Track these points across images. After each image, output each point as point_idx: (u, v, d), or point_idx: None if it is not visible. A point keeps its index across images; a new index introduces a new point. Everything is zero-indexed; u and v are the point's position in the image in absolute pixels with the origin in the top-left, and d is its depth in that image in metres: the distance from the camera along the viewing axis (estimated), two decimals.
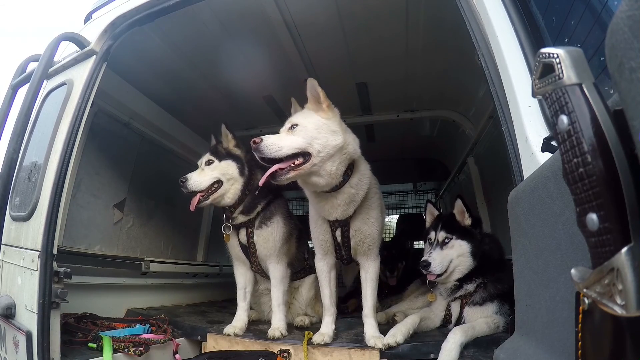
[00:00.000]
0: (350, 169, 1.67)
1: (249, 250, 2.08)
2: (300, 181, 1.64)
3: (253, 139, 1.53)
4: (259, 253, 2.07)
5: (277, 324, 1.92)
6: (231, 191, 2.01)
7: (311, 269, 2.17)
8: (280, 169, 1.52)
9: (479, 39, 1.23)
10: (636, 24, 0.38)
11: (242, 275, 2.17)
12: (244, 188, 2.02)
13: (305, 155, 1.55)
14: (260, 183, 1.62)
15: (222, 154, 2.06)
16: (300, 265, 2.27)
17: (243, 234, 2.07)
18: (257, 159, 1.56)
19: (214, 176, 1.99)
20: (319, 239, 1.87)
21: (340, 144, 1.60)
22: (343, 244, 1.82)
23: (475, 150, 3.19)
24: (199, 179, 1.99)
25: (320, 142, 1.56)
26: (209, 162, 2.04)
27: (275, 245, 2.03)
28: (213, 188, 1.99)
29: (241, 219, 2.05)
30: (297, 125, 1.58)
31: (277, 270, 2.03)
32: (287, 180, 1.55)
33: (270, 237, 2.03)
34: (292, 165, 1.53)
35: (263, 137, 1.53)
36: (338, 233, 1.80)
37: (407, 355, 1.63)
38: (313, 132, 1.57)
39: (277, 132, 3.86)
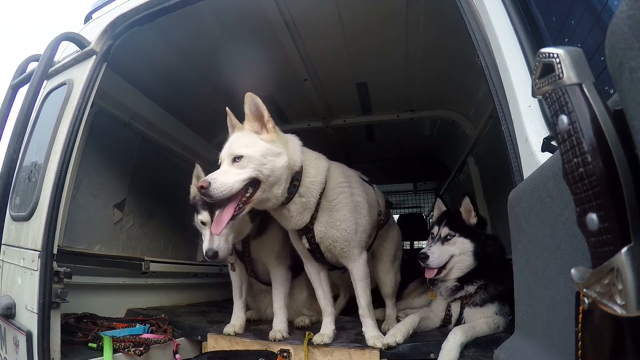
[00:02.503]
0: (297, 179, 1.59)
1: (244, 258, 2.08)
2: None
3: (200, 184, 1.42)
4: (257, 259, 2.07)
5: (279, 326, 1.91)
6: (243, 233, 1.95)
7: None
8: (235, 207, 1.47)
9: (479, 39, 1.23)
10: (636, 24, 0.38)
11: (237, 274, 2.16)
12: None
13: (253, 183, 1.50)
14: (217, 232, 1.52)
15: None
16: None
17: (239, 243, 2.05)
18: (206, 200, 1.48)
19: (231, 233, 1.86)
20: (294, 244, 1.87)
21: (285, 164, 1.53)
22: (313, 250, 1.77)
23: (475, 150, 3.19)
24: (220, 243, 1.80)
25: (268, 167, 1.50)
26: None
27: (274, 250, 2.04)
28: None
29: None
30: (242, 157, 1.48)
31: (277, 274, 2.03)
32: (242, 216, 1.53)
33: (267, 243, 2.04)
34: (244, 198, 1.49)
35: (208, 178, 1.43)
36: (304, 240, 1.75)
37: (407, 355, 1.63)
38: (260, 159, 1.49)
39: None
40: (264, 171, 1.49)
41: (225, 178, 1.44)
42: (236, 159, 1.49)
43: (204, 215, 1.82)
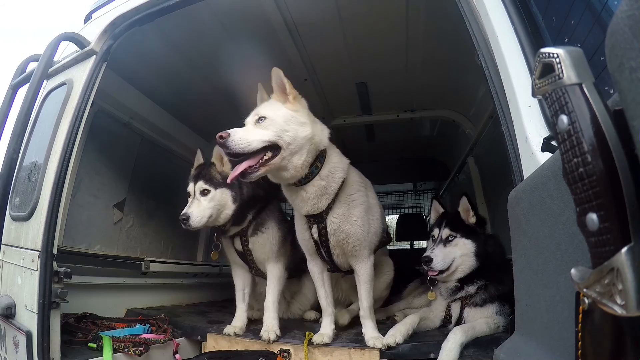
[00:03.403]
0: (320, 161, 1.64)
1: (246, 256, 2.10)
2: (270, 175, 1.62)
3: (219, 134, 1.45)
4: (257, 258, 2.09)
5: (270, 323, 1.88)
6: (222, 216, 1.97)
7: None
8: (250, 166, 1.48)
9: (479, 39, 1.23)
10: (636, 24, 0.38)
11: (241, 277, 2.18)
12: (236, 209, 1.98)
13: (273, 148, 1.51)
14: (229, 180, 1.57)
15: (217, 182, 1.95)
16: (298, 266, 2.27)
17: (238, 242, 2.08)
18: (224, 154, 1.54)
19: (210, 206, 1.92)
20: (300, 237, 1.86)
21: (308, 135, 1.57)
22: (321, 242, 1.76)
23: (475, 150, 3.19)
24: (194, 209, 1.88)
25: (290, 134, 1.53)
26: (204, 192, 1.93)
27: (272, 249, 2.06)
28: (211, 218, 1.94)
29: (233, 230, 2.06)
30: (265, 118, 1.54)
31: (275, 269, 2.04)
32: (256, 177, 1.51)
33: (266, 242, 2.05)
34: (262, 160, 1.50)
35: (230, 131, 1.47)
36: (314, 230, 1.74)
37: (407, 355, 1.63)
38: (282, 124, 1.53)
39: None
40: (285, 138, 1.52)
41: (245, 134, 1.48)
42: (260, 119, 1.54)
43: (189, 187, 1.96)
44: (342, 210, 1.71)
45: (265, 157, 1.51)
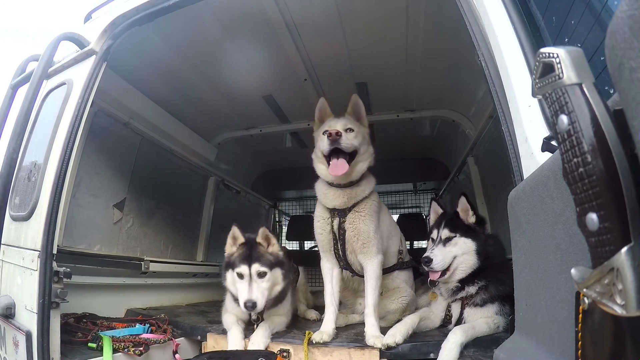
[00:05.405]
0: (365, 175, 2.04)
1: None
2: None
3: (335, 130, 1.86)
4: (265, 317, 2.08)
5: (257, 341, 1.82)
6: (273, 293, 1.97)
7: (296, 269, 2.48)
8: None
9: (479, 39, 1.23)
10: (636, 24, 0.38)
11: (237, 312, 2.06)
12: (284, 286, 2.01)
13: (352, 154, 1.93)
14: (341, 172, 1.86)
15: (271, 262, 1.97)
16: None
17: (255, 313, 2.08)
18: (327, 144, 1.87)
19: (267, 287, 1.93)
20: (318, 232, 2.04)
21: (370, 150, 2.04)
22: (339, 235, 1.97)
23: (475, 150, 3.18)
24: (258, 294, 1.87)
25: (364, 147, 1.99)
26: (261, 275, 1.91)
27: (284, 314, 2.09)
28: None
29: None
30: (352, 130, 1.95)
31: (277, 315, 2.05)
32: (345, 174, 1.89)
33: (280, 311, 2.08)
34: (347, 159, 1.90)
35: (339, 132, 1.87)
36: (335, 222, 1.98)
37: (407, 355, 1.63)
38: (361, 138, 1.98)
39: (277, 132, 3.85)
40: (362, 148, 1.97)
41: (347, 138, 1.90)
42: (348, 129, 1.94)
43: (242, 269, 1.90)
44: (359, 209, 1.99)
45: (347, 159, 1.89)
